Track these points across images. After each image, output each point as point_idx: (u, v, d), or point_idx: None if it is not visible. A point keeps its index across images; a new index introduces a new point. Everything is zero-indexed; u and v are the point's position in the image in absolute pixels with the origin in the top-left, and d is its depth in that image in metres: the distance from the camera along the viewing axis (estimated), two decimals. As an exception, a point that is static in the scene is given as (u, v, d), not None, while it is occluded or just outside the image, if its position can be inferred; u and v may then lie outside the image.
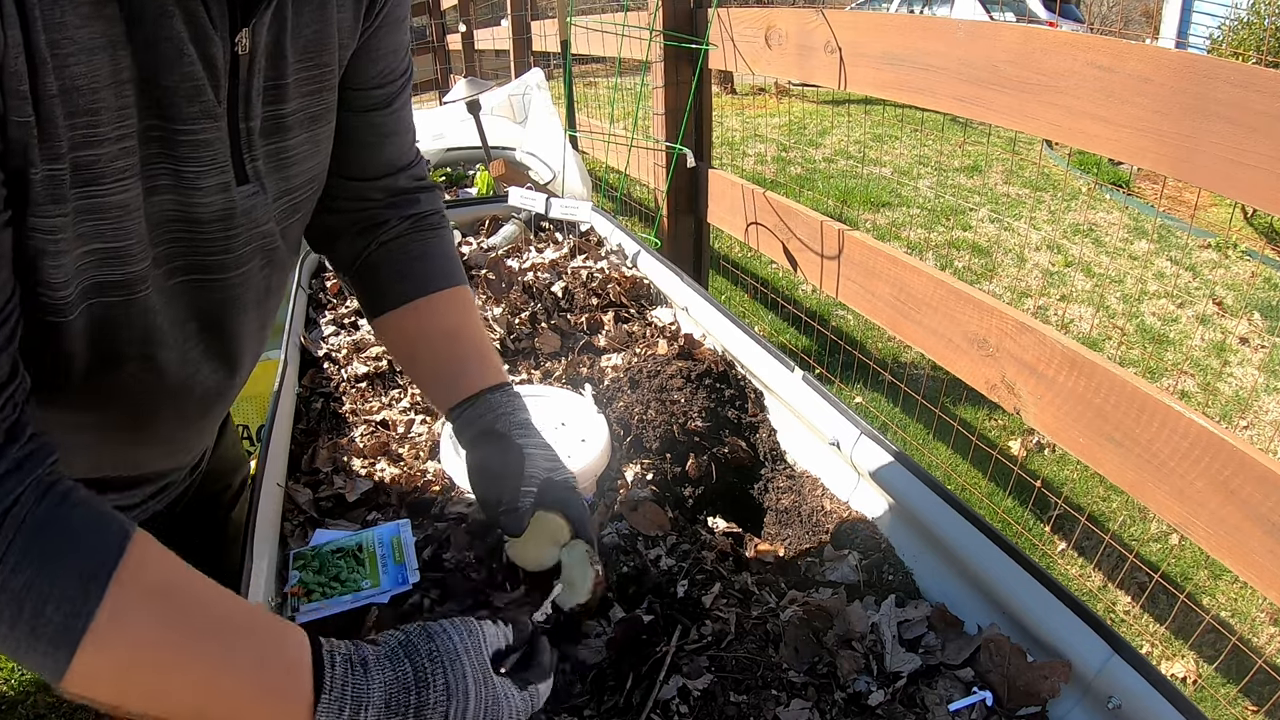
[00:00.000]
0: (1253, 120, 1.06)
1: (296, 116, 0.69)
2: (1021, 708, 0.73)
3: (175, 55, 0.55)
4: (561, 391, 1.22)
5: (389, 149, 0.85)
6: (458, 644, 0.60)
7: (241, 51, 0.59)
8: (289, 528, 0.94)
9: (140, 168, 0.56)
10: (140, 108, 0.54)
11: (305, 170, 0.73)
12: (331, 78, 0.72)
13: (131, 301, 0.61)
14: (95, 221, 0.54)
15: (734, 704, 0.72)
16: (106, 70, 0.51)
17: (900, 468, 0.94)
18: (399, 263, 0.88)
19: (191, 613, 0.51)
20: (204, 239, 0.64)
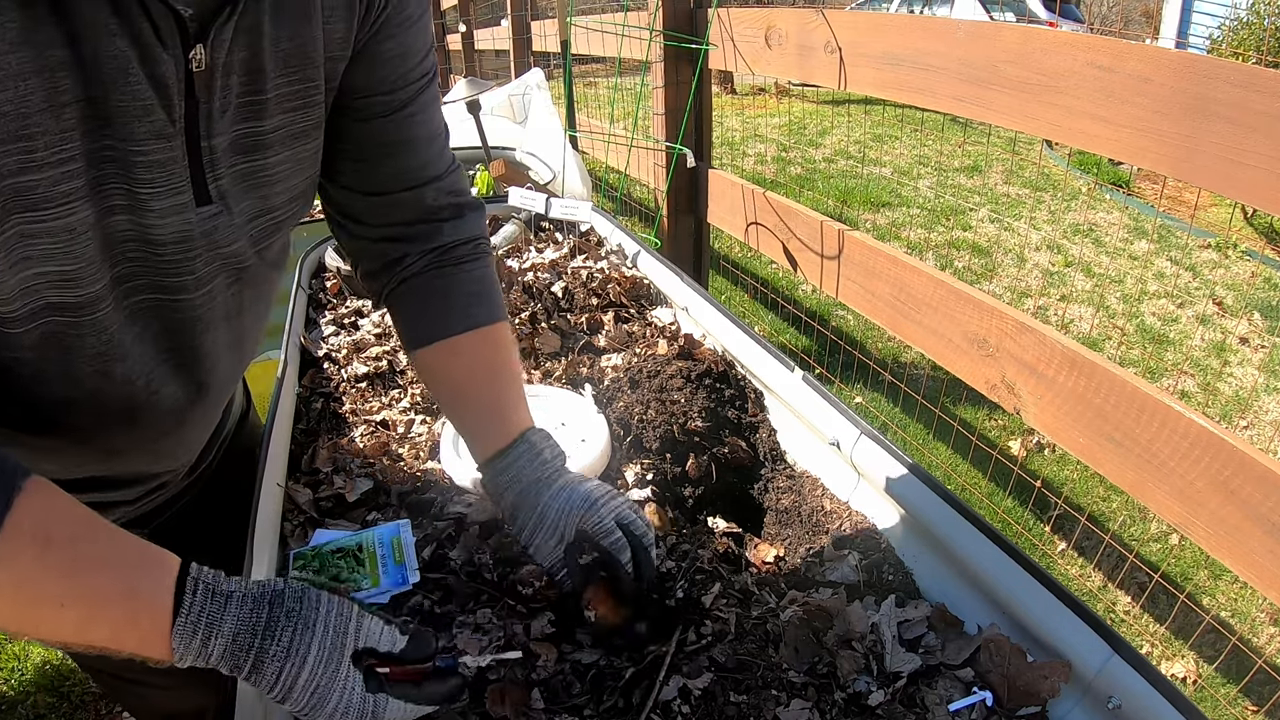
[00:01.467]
0: (1253, 120, 1.06)
1: (278, 134, 0.66)
2: (1021, 708, 0.73)
3: (120, 75, 0.53)
4: (561, 391, 1.22)
5: (407, 158, 0.80)
6: (321, 615, 0.59)
7: (197, 68, 0.57)
8: (289, 528, 0.94)
9: (91, 190, 0.55)
10: (88, 130, 0.53)
11: (288, 189, 0.70)
12: (317, 93, 0.69)
13: (86, 321, 0.60)
14: (43, 246, 0.53)
15: (734, 704, 0.72)
16: (40, 95, 0.49)
17: (900, 467, 0.94)
18: (419, 300, 0.84)
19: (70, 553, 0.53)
20: (162, 260, 0.63)
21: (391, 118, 0.77)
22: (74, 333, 0.60)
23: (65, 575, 0.52)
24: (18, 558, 0.50)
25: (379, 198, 0.81)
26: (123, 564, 0.55)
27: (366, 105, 0.75)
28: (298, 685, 0.57)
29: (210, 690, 1.03)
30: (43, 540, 0.51)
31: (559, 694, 0.74)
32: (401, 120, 0.78)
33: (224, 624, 0.56)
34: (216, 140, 0.61)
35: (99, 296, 0.60)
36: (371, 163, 0.79)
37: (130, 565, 0.55)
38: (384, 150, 0.79)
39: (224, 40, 0.58)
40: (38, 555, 0.51)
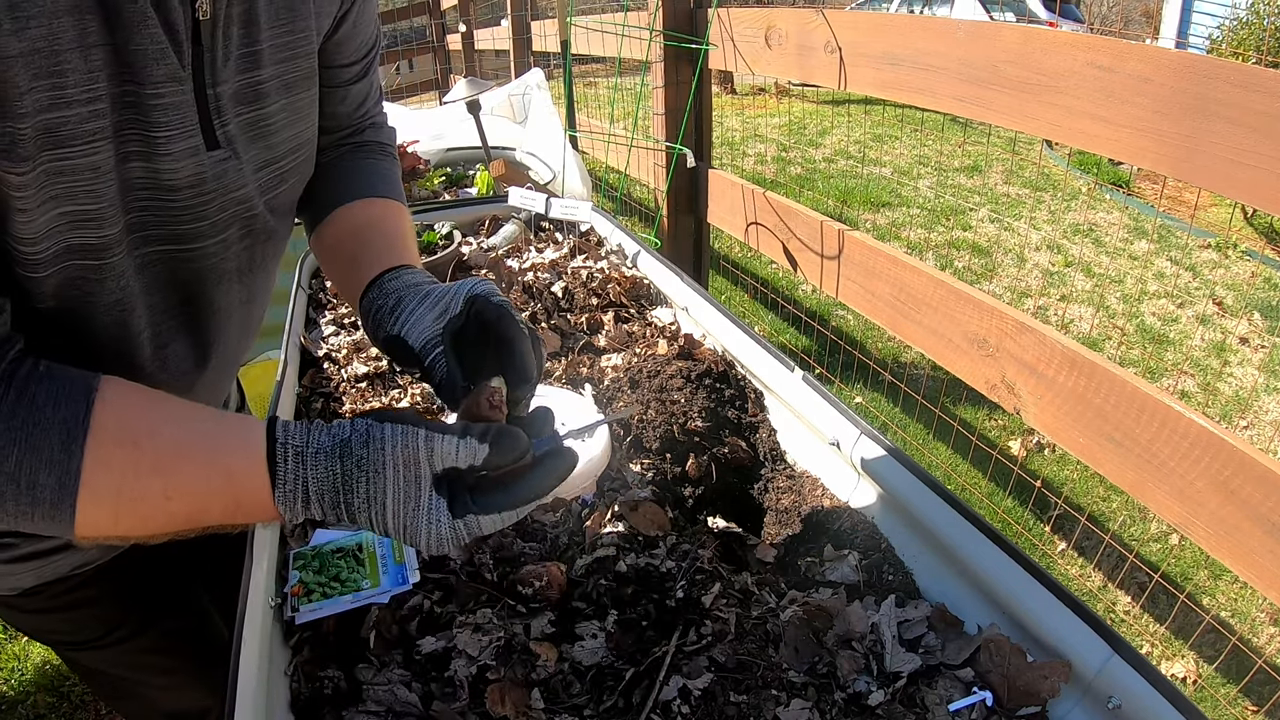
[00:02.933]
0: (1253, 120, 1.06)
1: (272, 83, 0.69)
2: (1021, 708, 0.73)
3: (140, 19, 0.56)
4: (561, 391, 1.22)
5: (356, 112, 0.89)
6: (388, 456, 0.57)
7: (202, 16, 0.60)
8: (289, 528, 0.94)
9: (112, 132, 0.57)
10: (111, 73, 0.55)
11: (288, 138, 0.74)
12: (308, 44, 0.72)
13: (105, 265, 0.62)
14: (68, 183, 0.55)
15: (734, 704, 0.72)
16: (71, 33, 0.51)
17: (900, 468, 0.94)
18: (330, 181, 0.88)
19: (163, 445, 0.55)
20: (176, 206, 0.64)
21: (349, 88, 0.85)
22: (94, 277, 0.61)
23: (161, 472, 0.54)
24: (111, 463, 0.52)
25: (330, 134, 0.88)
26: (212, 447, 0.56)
27: (341, 74, 0.83)
28: (389, 527, 0.58)
29: (210, 690, 1.03)
30: (130, 442, 0.53)
31: (559, 694, 0.74)
32: (355, 90, 0.86)
33: (312, 486, 0.57)
34: (221, 88, 0.64)
35: (117, 240, 0.61)
36: (324, 118, 0.84)
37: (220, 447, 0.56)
38: (342, 110, 0.87)
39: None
40: (129, 457, 0.53)
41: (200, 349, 0.76)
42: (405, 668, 0.76)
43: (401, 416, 0.59)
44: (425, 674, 0.76)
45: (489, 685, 0.73)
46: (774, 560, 0.96)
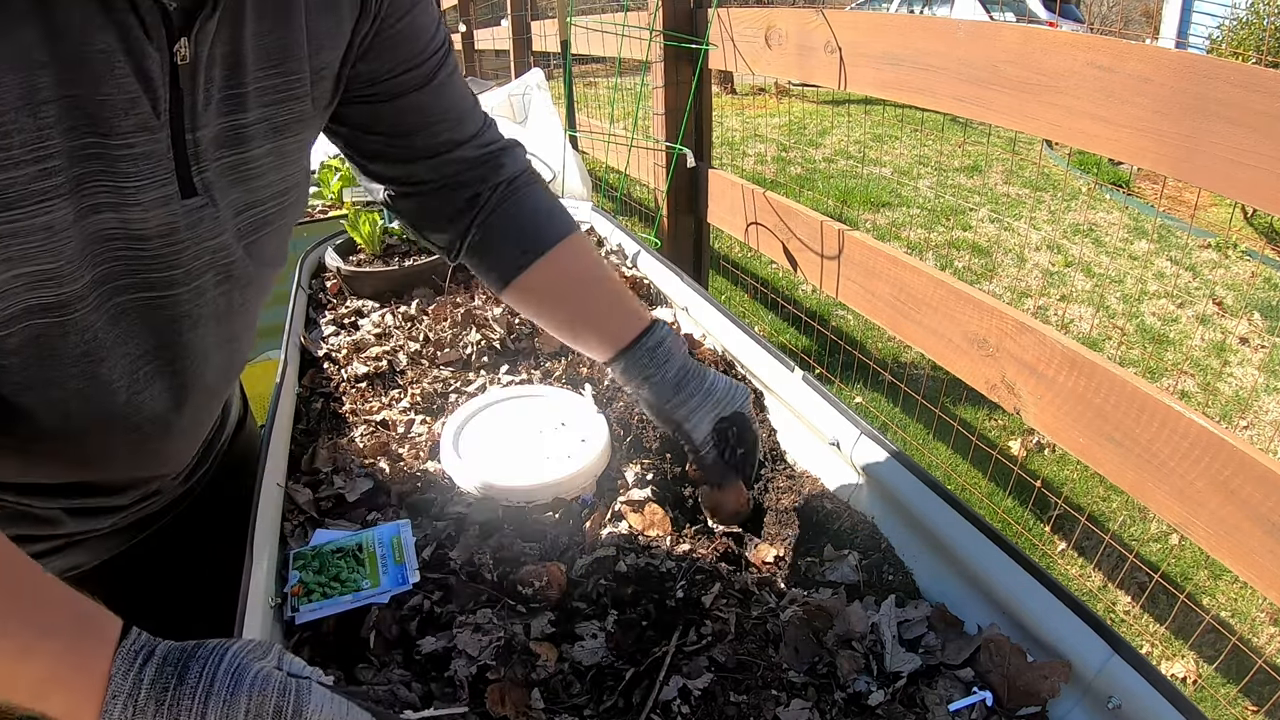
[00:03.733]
0: (1253, 120, 1.06)
1: (259, 127, 0.67)
2: (1021, 708, 0.73)
3: (106, 68, 0.53)
4: (561, 391, 1.22)
5: (445, 125, 0.85)
6: None
7: (181, 61, 0.58)
8: (289, 528, 0.94)
9: (71, 187, 0.54)
10: (68, 127, 0.53)
11: (272, 183, 0.71)
12: (300, 86, 0.70)
13: (68, 321, 0.60)
14: (20, 245, 0.53)
15: (734, 704, 0.72)
16: (16, 93, 0.49)
17: (900, 468, 0.94)
18: (503, 233, 0.88)
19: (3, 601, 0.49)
20: (148, 255, 0.63)
21: (423, 90, 0.81)
22: (57, 333, 0.60)
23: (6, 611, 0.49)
24: None
25: (430, 160, 0.86)
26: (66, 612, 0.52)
27: (395, 84, 0.79)
28: None
29: None
30: None
31: (559, 694, 0.74)
32: (432, 90, 0.82)
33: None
34: (201, 133, 0.62)
35: (80, 295, 0.59)
36: (414, 134, 0.83)
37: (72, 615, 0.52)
38: (423, 120, 0.83)
39: (208, 33, 0.59)
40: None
41: (178, 391, 0.75)
42: (405, 668, 0.76)
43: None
44: (425, 674, 0.76)
45: (489, 685, 0.73)
46: (774, 560, 0.96)
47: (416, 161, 0.86)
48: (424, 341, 1.42)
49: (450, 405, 1.25)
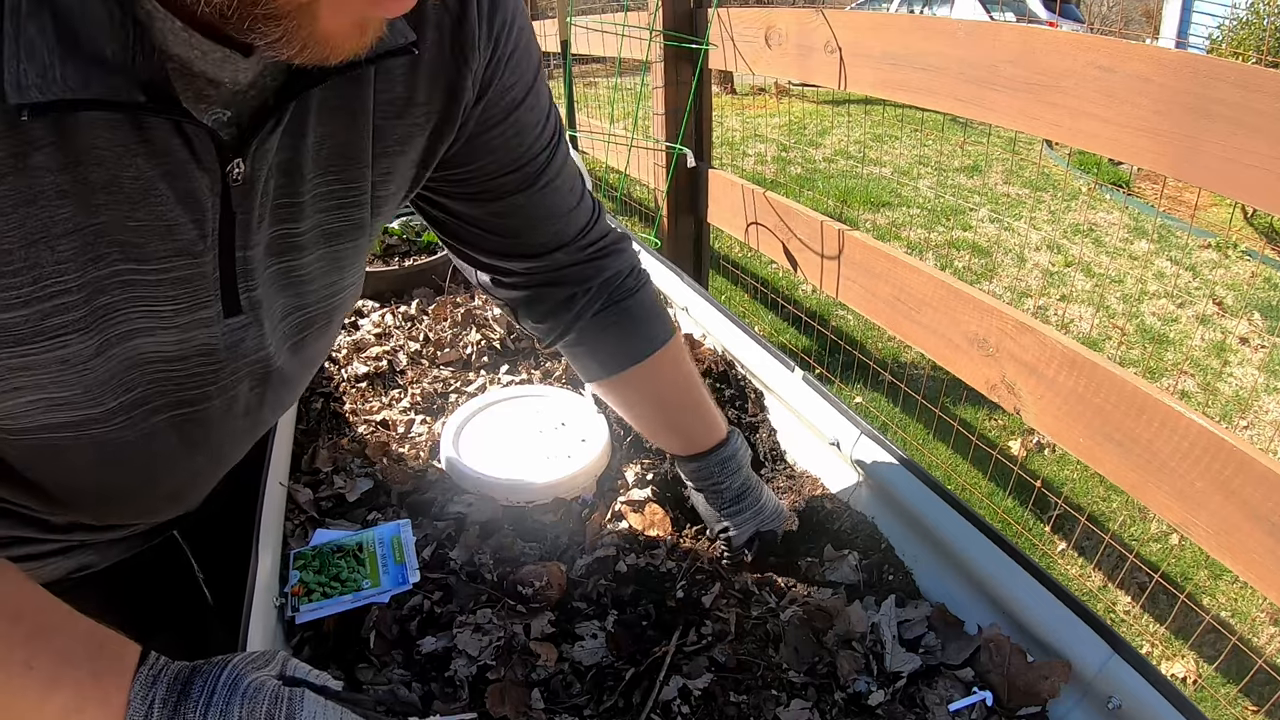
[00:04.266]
0: (1253, 120, 1.06)
1: (312, 234, 0.62)
2: (1021, 708, 0.74)
3: (140, 194, 0.49)
4: (561, 391, 1.22)
5: (547, 228, 0.79)
6: None
7: (235, 182, 0.53)
8: (289, 527, 0.94)
9: (91, 320, 0.51)
10: (90, 258, 0.49)
11: (321, 287, 0.66)
12: (360, 194, 0.64)
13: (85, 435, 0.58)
14: (32, 376, 0.51)
15: (734, 704, 0.72)
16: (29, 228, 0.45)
17: (900, 468, 0.94)
18: (599, 338, 0.86)
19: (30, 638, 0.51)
20: (182, 375, 0.59)
21: (524, 193, 0.74)
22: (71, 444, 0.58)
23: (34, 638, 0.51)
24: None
25: (529, 260, 0.80)
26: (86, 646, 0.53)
27: (491, 186, 0.73)
28: None
29: None
30: (15, 610, 0.51)
31: (559, 694, 0.74)
32: (534, 194, 0.75)
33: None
34: (253, 250, 0.57)
35: (99, 418, 0.57)
36: (514, 233, 0.78)
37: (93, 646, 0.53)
38: (524, 223, 0.77)
39: (267, 150, 0.54)
40: (11, 623, 0.51)
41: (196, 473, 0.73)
42: (405, 668, 0.76)
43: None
44: (425, 674, 0.76)
45: (489, 685, 0.73)
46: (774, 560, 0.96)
47: (512, 258, 0.81)
48: (424, 341, 1.42)
49: (450, 405, 1.25)
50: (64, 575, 0.86)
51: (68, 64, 0.41)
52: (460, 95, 0.64)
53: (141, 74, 0.45)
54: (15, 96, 0.40)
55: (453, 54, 0.62)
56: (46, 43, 0.41)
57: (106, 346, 0.53)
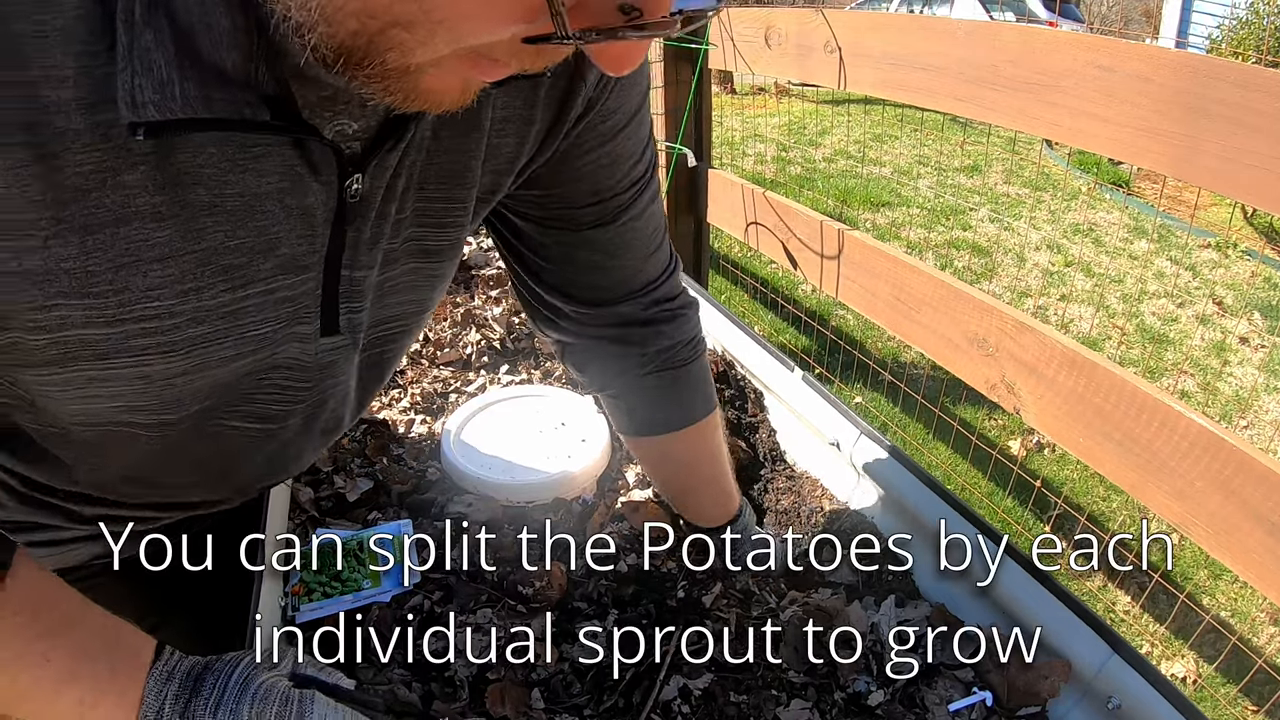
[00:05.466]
0: (1253, 120, 1.06)
1: (407, 247, 0.59)
2: (1021, 708, 0.74)
3: (245, 211, 0.45)
4: (562, 391, 1.22)
5: (616, 272, 0.73)
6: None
7: (352, 199, 0.50)
8: (290, 527, 0.94)
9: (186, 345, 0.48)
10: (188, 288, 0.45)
11: (400, 302, 0.62)
12: (462, 213, 0.60)
13: (157, 433, 0.56)
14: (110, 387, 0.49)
15: (734, 704, 0.72)
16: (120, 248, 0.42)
17: (900, 468, 0.94)
18: (642, 399, 0.83)
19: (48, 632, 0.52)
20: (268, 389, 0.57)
21: (602, 228, 0.69)
22: (132, 438, 0.55)
23: (52, 633, 0.51)
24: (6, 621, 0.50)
25: (590, 306, 0.75)
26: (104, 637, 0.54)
27: (571, 216, 0.68)
28: None
29: None
30: (34, 602, 0.51)
31: (559, 694, 0.74)
32: (613, 231, 0.69)
33: None
34: (363, 273, 0.54)
35: (171, 422, 0.54)
36: (581, 270, 0.73)
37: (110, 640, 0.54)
38: (594, 261, 0.72)
39: (387, 166, 0.51)
40: (31, 617, 0.51)
41: (261, 476, 0.73)
42: (405, 668, 0.76)
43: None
44: (425, 674, 0.76)
45: (489, 685, 0.73)
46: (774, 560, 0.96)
47: (573, 299, 0.75)
48: (424, 341, 1.42)
49: (450, 405, 1.25)
50: (86, 560, 0.86)
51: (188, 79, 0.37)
52: (568, 111, 0.60)
53: (264, 87, 0.41)
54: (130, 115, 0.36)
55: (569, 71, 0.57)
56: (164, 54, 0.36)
57: (196, 369, 0.50)
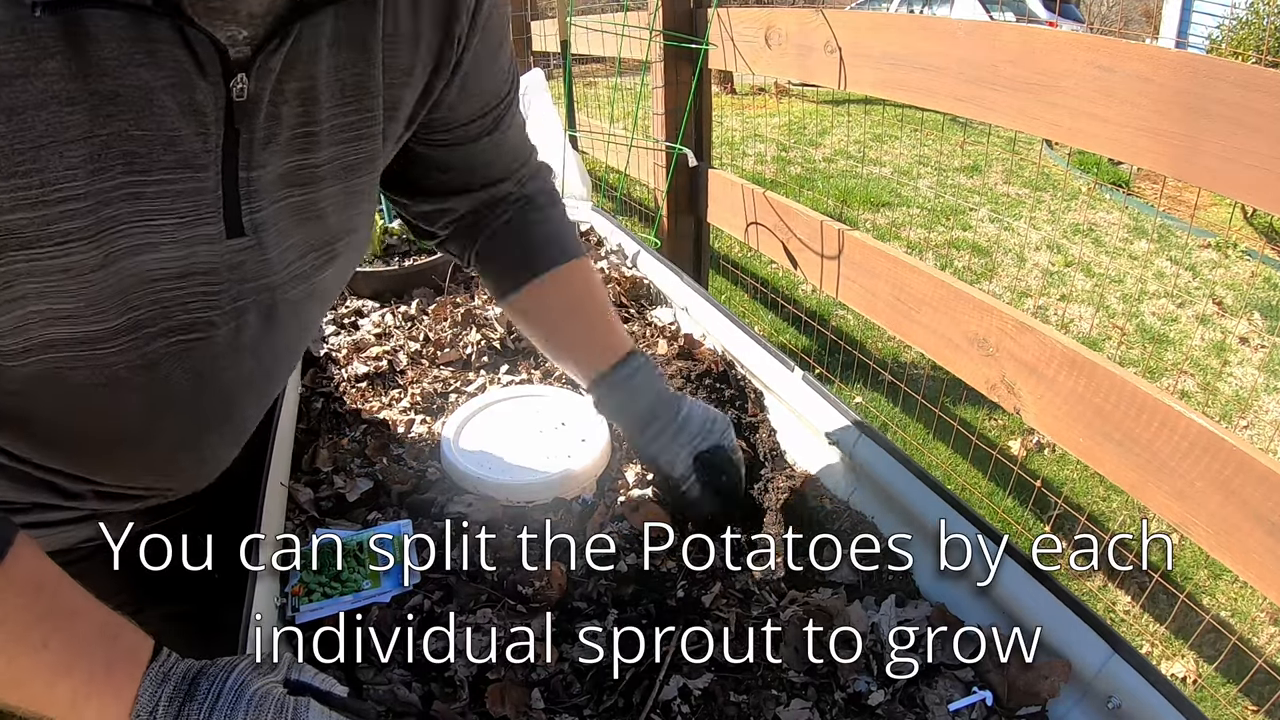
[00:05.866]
0: (1253, 120, 1.06)
1: (330, 166, 0.64)
2: (1021, 708, 0.73)
3: (144, 103, 0.50)
4: (562, 391, 1.22)
5: (496, 165, 0.86)
6: None
7: (239, 97, 0.54)
8: (289, 527, 0.94)
9: (97, 230, 0.52)
10: (96, 168, 0.50)
11: (337, 222, 0.68)
12: (374, 124, 0.66)
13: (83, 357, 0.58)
14: (37, 283, 0.52)
15: (734, 704, 0.72)
16: (39, 130, 0.47)
17: (900, 468, 0.94)
18: (506, 249, 0.90)
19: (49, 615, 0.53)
20: (184, 295, 0.60)
21: (478, 142, 0.81)
22: (68, 368, 0.58)
23: (53, 617, 0.52)
24: (8, 596, 0.51)
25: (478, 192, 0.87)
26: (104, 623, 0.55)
27: (460, 133, 0.79)
28: None
29: None
30: (35, 584, 0.53)
31: (559, 694, 0.74)
32: (486, 143, 0.82)
33: None
34: (258, 172, 0.59)
35: (102, 337, 0.58)
36: (458, 172, 0.84)
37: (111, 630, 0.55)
38: (470, 165, 0.84)
39: (270, 69, 0.55)
40: (32, 597, 0.52)
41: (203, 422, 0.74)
42: (405, 668, 0.76)
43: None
44: (425, 674, 0.76)
45: (489, 685, 0.73)
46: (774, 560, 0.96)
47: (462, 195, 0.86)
48: (424, 341, 1.42)
49: (450, 405, 1.25)
50: (75, 544, 0.86)
51: None
52: (453, 36, 0.69)
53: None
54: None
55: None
56: None
57: (110, 260, 0.54)
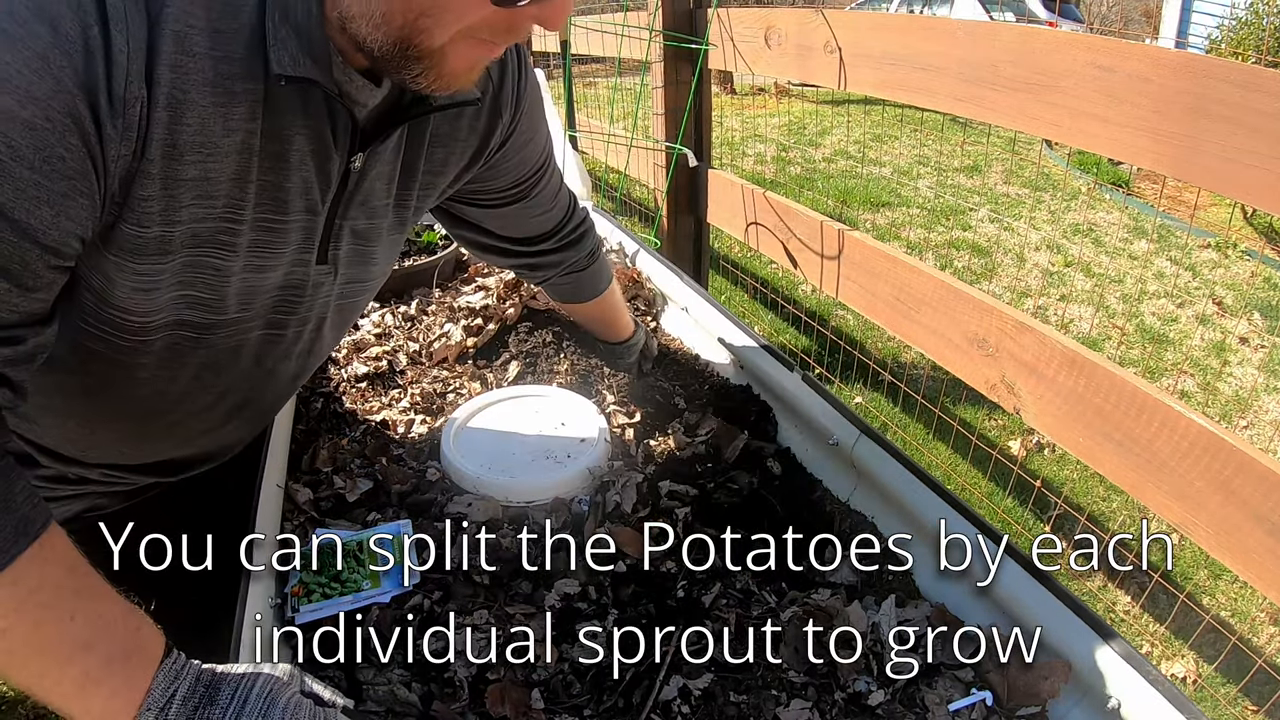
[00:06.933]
0: (1253, 120, 1.06)
1: (384, 225, 0.82)
2: (1021, 708, 0.74)
3: (298, 164, 0.68)
4: (562, 391, 1.22)
5: (533, 223, 1.05)
6: None
7: (354, 167, 0.73)
8: (289, 528, 0.94)
9: (245, 247, 0.69)
10: (258, 202, 0.67)
11: (380, 266, 0.88)
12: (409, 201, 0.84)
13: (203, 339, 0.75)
14: (193, 274, 0.68)
15: (734, 704, 0.72)
16: (234, 169, 0.63)
17: (900, 468, 0.94)
18: (565, 288, 1.18)
19: (79, 593, 0.57)
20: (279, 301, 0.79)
21: (520, 203, 1.00)
22: (187, 345, 0.75)
23: (82, 595, 0.56)
24: (46, 566, 0.54)
25: (524, 244, 1.08)
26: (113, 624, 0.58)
27: (498, 199, 0.98)
28: None
29: None
30: (69, 562, 0.56)
31: (559, 694, 0.74)
32: (526, 203, 1.01)
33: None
34: (346, 223, 0.78)
35: (216, 324, 0.74)
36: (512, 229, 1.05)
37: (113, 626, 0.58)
38: (515, 222, 1.04)
39: (379, 153, 0.75)
40: (66, 572, 0.55)
41: (241, 403, 0.89)
42: (405, 668, 0.76)
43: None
44: (425, 674, 0.76)
45: (489, 685, 0.73)
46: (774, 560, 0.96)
47: (514, 243, 1.07)
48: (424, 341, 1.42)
49: (450, 405, 1.25)
50: (75, 515, 0.88)
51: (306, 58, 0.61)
52: (490, 140, 0.87)
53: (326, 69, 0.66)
54: (277, 69, 0.60)
55: (490, 109, 0.85)
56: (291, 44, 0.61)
57: (244, 268, 0.71)
